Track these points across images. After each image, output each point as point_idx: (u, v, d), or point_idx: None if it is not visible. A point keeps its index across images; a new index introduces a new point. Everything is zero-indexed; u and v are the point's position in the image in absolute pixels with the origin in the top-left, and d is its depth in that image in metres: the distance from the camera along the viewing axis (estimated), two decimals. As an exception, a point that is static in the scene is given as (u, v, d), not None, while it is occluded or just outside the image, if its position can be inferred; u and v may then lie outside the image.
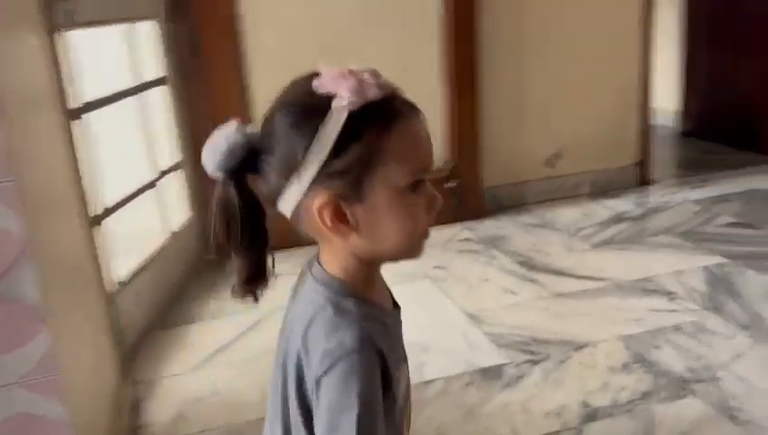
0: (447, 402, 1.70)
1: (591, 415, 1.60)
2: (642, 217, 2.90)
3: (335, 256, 0.74)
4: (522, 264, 2.50)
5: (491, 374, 1.80)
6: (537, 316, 2.10)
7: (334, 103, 0.66)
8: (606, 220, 2.87)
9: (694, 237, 2.61)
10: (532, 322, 2.07)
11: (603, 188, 3.20)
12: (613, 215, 2.92)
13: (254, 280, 0.75)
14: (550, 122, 3.13)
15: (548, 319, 2.08)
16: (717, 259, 2.38)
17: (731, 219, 2.76)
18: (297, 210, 0.71)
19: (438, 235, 2.83)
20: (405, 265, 2.59)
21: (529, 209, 3.07)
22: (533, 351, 1.90)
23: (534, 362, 1.84)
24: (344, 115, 0.66)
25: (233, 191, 0.70)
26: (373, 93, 0.67)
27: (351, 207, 0.69)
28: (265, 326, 2.08)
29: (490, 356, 1.88)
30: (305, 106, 0.68)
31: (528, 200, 3.14)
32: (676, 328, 1.96)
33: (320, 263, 0.76)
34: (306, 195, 0.69)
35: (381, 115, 0.68)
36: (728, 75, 3.78)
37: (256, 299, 0.76)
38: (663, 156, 3.68)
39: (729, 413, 1.56)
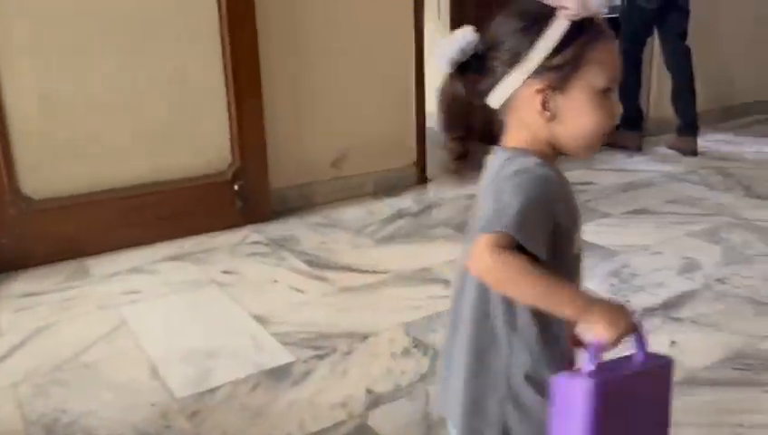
0: (234, 407, 1.65)
1: (375, 401, 1.66)
2: (421, 212, 3.08)
3: (522, 133, 0.90)
4: (310, 263, 2.52)
5: (278, 374, 1.78)
6: (324, 312, 2.13)
7: (560, 12, 0.84)
8: (388, 217, 3.00)
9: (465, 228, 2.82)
10: (319, 318, 2.09)
11: (386, 187, 3.35)
12: (395, 212, 3.07)
13: (463, 160, 0.93)
14: (334, 124, 3.20)
15: (335, 314, 2.12)
16: (486, 247, 2.60)
17: (497, 211, 3.03)
18: (509, 98, 0.88)
19: (225, 239, 2.76)
20: (189, 273, 2.47)
21: (317, 210, 3.11)
22: (320, 346, 1.92)
23: (321, 357, 1.86)
24: (566, 23, 0.84)
25: (459, 85, 0.88)
26: (594, 9, 0.84)
27: (556, 98, 0.86)
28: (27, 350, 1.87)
29: (278, 356, 1.87)
30: (535, 13, 0.85)
31: (316, 201, 3.18)
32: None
33: (500, 149, 0.91)
34: (524, 83, 0.86)
35: (592, 29, 0.85)
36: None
37: (462, 175, 0.95)
38: (438, 156, 3.93)
39: (496, 385, 1.71)
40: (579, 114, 0.87)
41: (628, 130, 3.96)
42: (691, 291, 2.18)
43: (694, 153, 3.79)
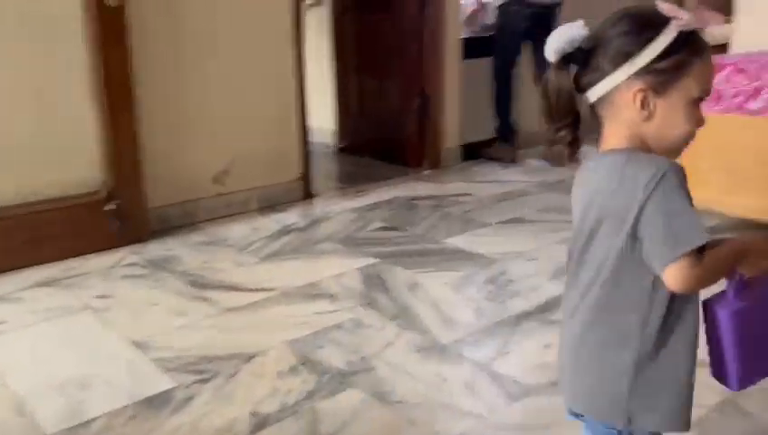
0: (110, 440, 1.57)
1: (261, 423, 1.63)
2: (307, 227, 3.08)
3: (622, 133, 0.95)
4: (192, 284, 2.44)
5: (158, 401, 1.71)
6: (207, 334, 2.08)
7: (673, 22, 0.90)
8: (274, 233, 2.97)
9: (351, 242, 2.85)
10: (201, 341, 2.03)
11: (271, 203, 3.31)
12: (281, 228, 3.04)
13: (574, 145, 0.97)
14: (215, 139, 3.14)
15: (218, 335, 2.07)
16: (371, 260, 2.63)
17: (381, 224, 3.08)
18: (610, 94, 0.93)
19: (99, 261, 2.62)
20: (60, 299, 2.32)
21: (199, 228, 3.03)
22: (203, 370, 1.86)
23: (204, 381, 1.81)
24: (676, 32, 0.90)
25: (564, 75, 0.94)
26: (702, 24, 0.91)
27: (654, 99, 0.91)
28: None
29: (157, 383, 1.80)
30: (650, 18, 0.92)
31: (198, 218, 3.10)
32: (338, 326, 2.11)
33: (602, 150, 0.96)
34: (627, 81, 0.91)
35: (697, 42, 0.92)
36: (376, 96, 4.24)
37: (574, 159, 0.99)
38: (324, 171, 3.96)
39: (382, 397, 1.73)
40: (672, 118, 0.93)
41: (502, 143, 4.16)
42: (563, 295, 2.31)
43: (562, 164, 4.03)
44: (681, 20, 0.90)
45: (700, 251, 0.87)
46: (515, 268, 2.54)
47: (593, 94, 0.95)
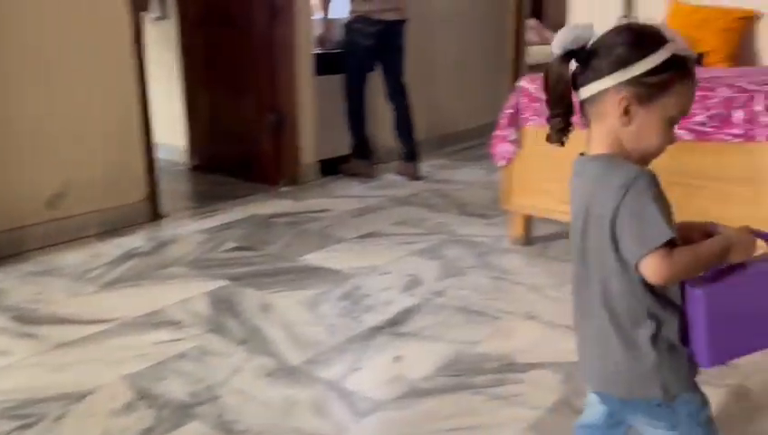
0: None
1: (90, 469, 1.49)
2: (153, 251, 2.91)
3: (607, 139, 1.04)
4: (18, 319, 2.22)
5: (-32, 456, 1.53)
6: (32, 374, 1.89)
7: (670, 44, 0.98)
8: (116, 259, 2.78)
9: (201, 265, 2.73)
10: (25, 382, 1.84)
11: (114, 226, 3.11)
12: (123, 253, 2.85)
13: (564, 132, 1.06)
14: (49, 159, 2.90)
15: (46, 374, 1.89)
16: (221, 283, 2.53)
17: (235, 244, 2.98)
18: (600, 95, 1.01)
19: None
20: None
21: (30, 257, 2.78)
22: (27, 414, 1.69)
23: (28, 426, 1.63)
24: (671, 53, 0.98)
25: (564, 67, 1.02)
26: (686, 52, 1.00)
27: (637, 109, 1.00)
28: None
29: (-31, 434, 1.60)
30: (651, 35, 1.00)
31: (28, 247, 2.84)
32: (181, 356, 1.99)
33: (588, 157, 1.06)
34: (617, 86, 0.99)
35: (686, 67, 1.00)
36: (228, 112, 4.12)
37: (563, 144, 1.07)
38: (174, 190, 3.78)
39: (226, 428, 1.65)
40: (647, 130, 1.01)
41: (359, 158, 4.19)
42: (414, 306, 2.35)
43: (417, 178, 4.13)
44: (677, 44, 1.00)
45: (672, 247, 0.96)
46: (369, 283, 2.55)
47: (586, 92, 1.04)
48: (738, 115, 2.29)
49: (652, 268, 0.97)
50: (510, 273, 2.67)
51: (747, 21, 3.13)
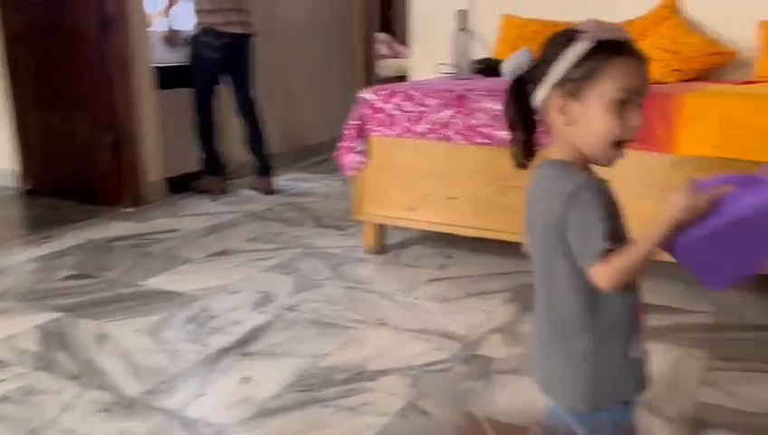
0: None
1: None
2: (-26, 285, 2.63)
3: (560, 145, 1.06)
4: None
5: None
6: None
7: (585, 35, 1.00)
8: (-72, 297, 2.48)
9: (31, 297, 2.50)
10: None
11: (-74, 261, 2.78)
12: (-63, 289, 2.56)
13: (529, 151, 1.09)
14: None
15: None
16: (53, 315, 2.33)
17: (70, 272, 2.76)
18: (544, 106, 1.06)
19: None
20: None
21: None
22: None
23: None
24: (587, 43, 1.00)
25: (513, 91, 1.09)
26: (606, 35, 0.99)
27: (572, 104, 1.02)
28: None
29: None
30: (566, 35, 1.03)
31: None
32: (4, 399, 1.80)
33: (546, 161, 1.08)
34: (550, 92, 1.03)
35: (610, 49, 0.99)
36: (62, 131, 3.83)
37: (525, 167, 1.10)
38: (3, 217, 3.46)
39: (52, 473, 1.50)
40: (591, 121, 1.01)
41: (210, 174, 4.06)
42: (264, 324, 2.28)
43: (271, 192, 4.06)
44: (596, 32, 1.00)
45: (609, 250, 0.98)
46: (218, 303, 2.45)
47: (536, 106, 1.08)
48: (562, 120, 2.45)
49: (598, 278, 0.99)
50: (363, 282, 2.68)
51: (570, 34, 3.38)
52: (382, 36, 6.97)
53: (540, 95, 1.06)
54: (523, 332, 2.22)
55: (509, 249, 2.91)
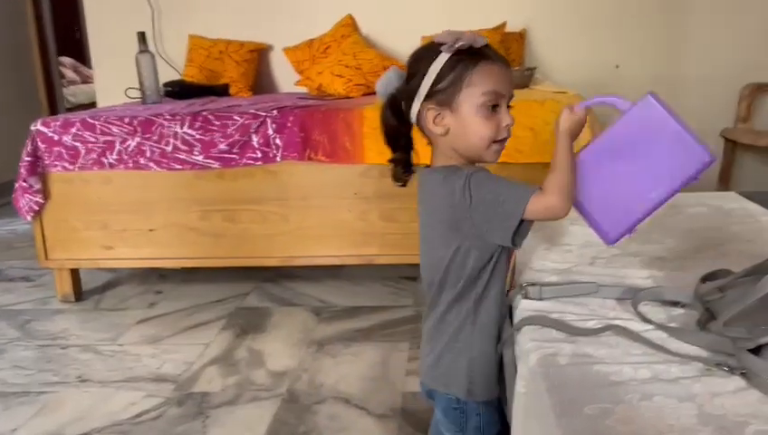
0: None
1: None
2: None
3: (441, 154, 1.10)
4: None
5: None
6: None
7: (444, 47, 1.03)
8: None
9: None
10: None
11: None
12: None
13: (409, 168, 1.11)
14: None
15: None
16: None
17: None
18: (418, 119, 1.08)
19: None
20: None
21: None
22: None
23: None
24: (447, 55, 1.03)
25: (387, 110, 1.09)
26: (465, 42, 1.02)
27: (445, 115, 1.05)
28: None
29: None
30: (427, 49, 1.05)
31: None
32: None
33: (429, 168, 1.11)
34: (422, 105, 1.05)
35: (471, 56, 1.03)
36: None
37: (405, 184, 1.12)
38: None
39: None
40: (466, 128, 1.04)
41: None
42: (-71, 410, 1.90)
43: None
44: (453, 42, 1.02)
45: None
46: None
47: (413, 121, 1.09)
48: (255, 140, 2.45)
49: (543, 211, 0.99)
50: (59, 337, 2.38)
51: (261, 52, 3.42)
52: (68, 61, 6.38)
53: (413, 110, 1.07)
54: (241, 357, 2.17)
55: (222, 275, 2.84)
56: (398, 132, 1.10)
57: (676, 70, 3.25)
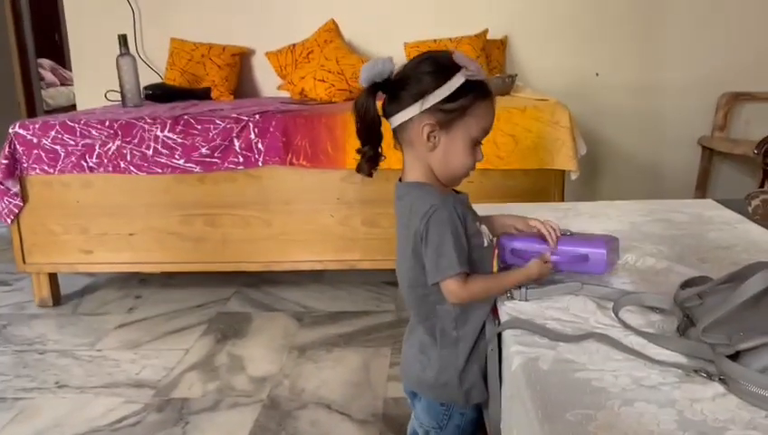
0: None
1: None
2: None
3: (417, 167, 1.10)
4: None
5: None
6: None
7: (463, 70, 1.04)
8: None
9: None
10: None
11: None
12: None
13: (373, 162, 1.10)
14: None
15: None
16: None
17: None
18: (406, 123, 1.06)
19: None
20: None
21: None
22: None
23: None
24: (464, 79, 1.04)
25: (369, 99, 1.06)
26: (482, 76, 1.07)
27: (440, 134, 1.06)
28: None
29: None
30: (445, 64, 1.05)
31: None
32: None
33: (405, 180, 1.12)
34: (419, 114, 1.05)
35: (482, 89, 1.06)
36: None
37: (371, 175, 1.11)
38: None
39: None
40: (453, 152, 1.07)
41: None
42: None
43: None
44: (470, 71, 1.03)
45: (467, 274, 1.04)
46: None
47: (394, 122, 1.08)
48: (237, 144, 2.44)
49: (447, 292, 1.05)
50: (36, 342, 2.35)
51: (243, 56, 3.40)
52: (47, 63, 6.31)
53: (406, 115, 1.06)
54: (221, 362, 2.15)
55: (203, 280, 2.82)
56: (373, 125, 1.08)
57: (654, 78, 3.29)
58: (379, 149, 1.10)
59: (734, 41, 3.24)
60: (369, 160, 1.10)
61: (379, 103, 1.08)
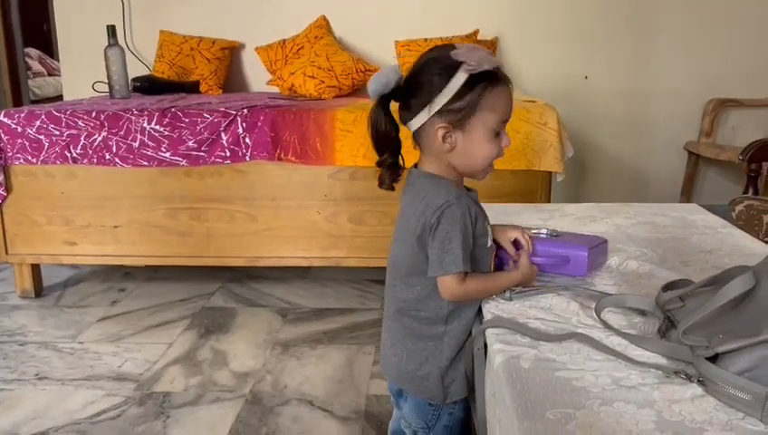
0: None
1: None
2: None
3: (436, 165, 1.09)
4: None
5: None
6: None
7: (464, 66, 1.01)
8: None
9: None
10: None
11: None
12: None
13: (394, 171, 1.09)
14: None
15: None
16: None
17: None
18: (420, 129, 1.07)
19: None
20: None
21: None
22: None
23: None
24: (467, 74, 1.01)
25: (380, 111, 1.06)
26: (487, 65, 1.01)
27: (455, 134, 1.05)
28: None
29: None
30: (446, 64, 1.02)
31: None
32: None
33: (420, 168, 1.11)
34: (431, 119, 1.04)
35: (489, 78, 1.03)
36: None
37: (392, 188, 1.10)
38: None
39: None
40: (473, 148, 1.05)
41: None
42: None
43: None
44: (470, 65, 1.00)
45: (466, 273, 1.05)
46: None
47: (410, 128, 1.08)
48: (224, 138, 2.43)
49: (444, 288, 1.05)
50: (16, 333, 2.33)
51: (233, 51, 3.39)
52: (34, 52, 6.24)
53: (418, 121, 1.06)
54: (204, 357, 2.14)
55: (188, 274, 2.80)
56: (388, 135, 1.06)
57: (642, 83, 3.31)
58: (400, 158, 1.09)
59: (722, 48, 3.27)
60: (390, 170, 1.09)
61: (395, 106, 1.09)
